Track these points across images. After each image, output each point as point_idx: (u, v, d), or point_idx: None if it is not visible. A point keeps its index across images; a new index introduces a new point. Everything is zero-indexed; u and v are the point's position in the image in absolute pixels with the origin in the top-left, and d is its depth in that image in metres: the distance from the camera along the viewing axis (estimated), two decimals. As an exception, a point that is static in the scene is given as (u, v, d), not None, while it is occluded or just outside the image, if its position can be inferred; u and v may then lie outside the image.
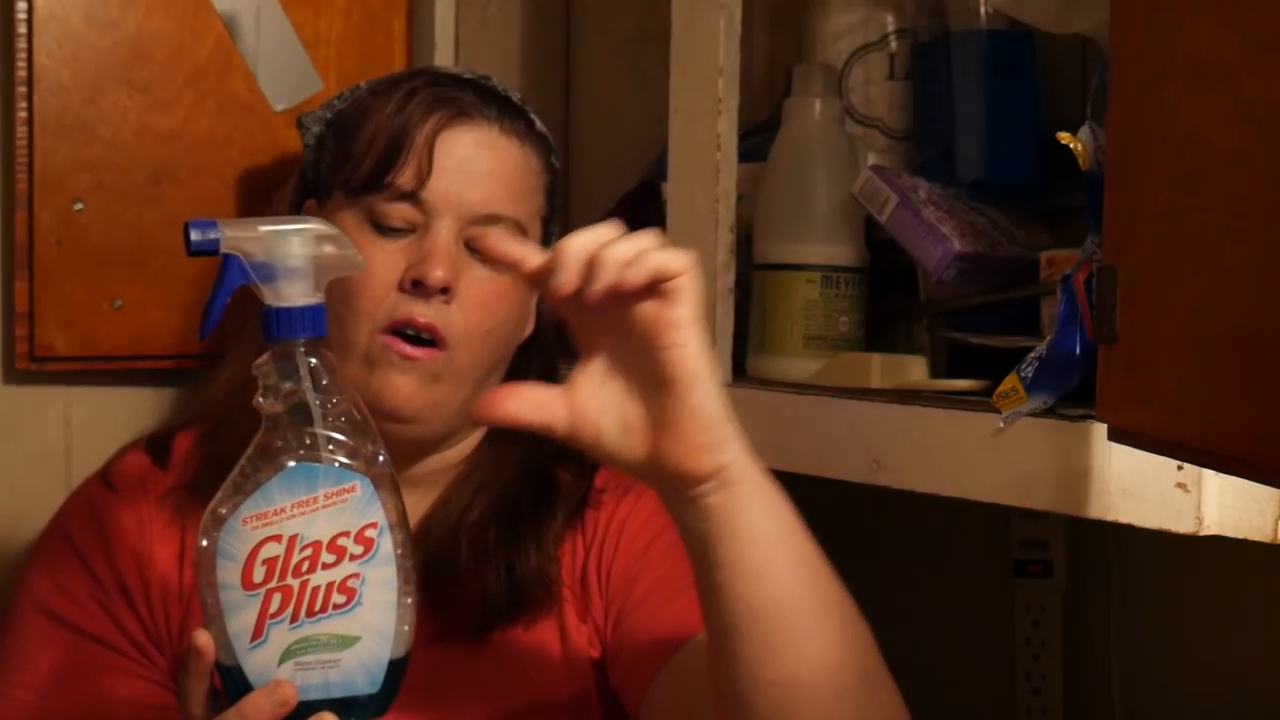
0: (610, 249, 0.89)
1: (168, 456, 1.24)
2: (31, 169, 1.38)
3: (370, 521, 0.94)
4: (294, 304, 0.94)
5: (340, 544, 0.94)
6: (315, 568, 0.93)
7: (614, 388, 0.93)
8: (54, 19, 1.39)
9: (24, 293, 1.39)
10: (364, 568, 0.94)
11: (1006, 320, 1.18)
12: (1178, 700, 1.38)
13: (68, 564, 1.20)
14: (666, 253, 0.90)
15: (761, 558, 0.94)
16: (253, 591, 0.93)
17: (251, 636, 0.93)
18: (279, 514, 0.93)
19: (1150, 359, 0.80)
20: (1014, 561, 1.48)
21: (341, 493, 0.94)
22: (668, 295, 0.89)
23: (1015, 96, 1.29)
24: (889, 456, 1.11)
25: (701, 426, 0.91)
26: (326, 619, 0.94)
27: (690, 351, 0.90)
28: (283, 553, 0.93)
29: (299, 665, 0.94)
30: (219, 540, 0.93)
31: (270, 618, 0.93)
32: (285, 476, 0.93)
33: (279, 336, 0.94)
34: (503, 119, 1.21)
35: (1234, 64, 0.71)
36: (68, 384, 1.44)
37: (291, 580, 0.93)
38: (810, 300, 1.26)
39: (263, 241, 0.93)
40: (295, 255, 0.94)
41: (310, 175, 1.25)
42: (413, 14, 1.55)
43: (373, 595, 0.94)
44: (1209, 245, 0.74)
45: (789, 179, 1.28)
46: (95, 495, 1.23)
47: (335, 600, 0.94)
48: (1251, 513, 0.93)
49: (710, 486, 0.92)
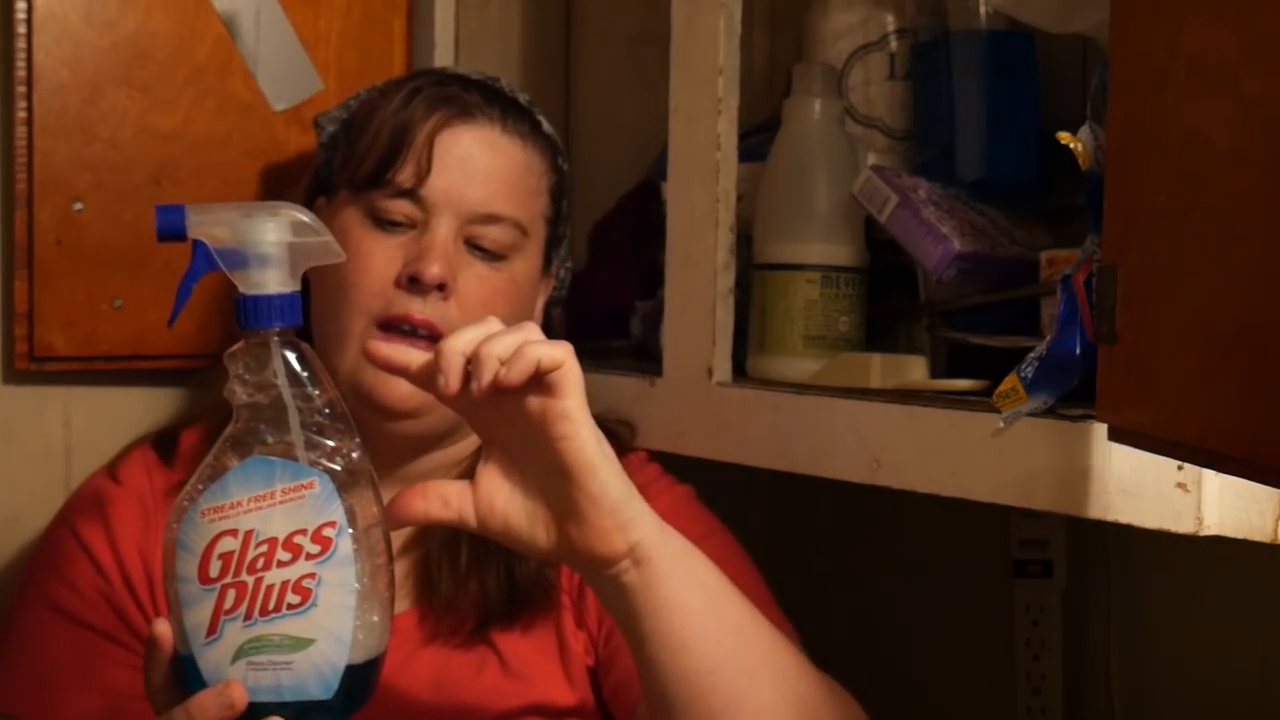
0: (488, 345, 0.90)
1: (174, 453, 1.25)
2: (31, 169, 1.38)
3: (328, 520, 0.91)
4: (267, 292, 0.91)
5: (296, 542, 0.91)
6: (270, 565, 0.90)
7: (515, 480, 0.95)
8: (53, 18, 1.39)
9: (24, 293, 1.39)
10: (320, 568, 0.91)
11: (1006, 320, 1.18)
12: (1177, 700, 1.38)
13: (73, 558, 1.20)
14: (544, 346, 0.91)
15: (683, 629, 0.96)
16: (208, 586, 0.90)
17: (206, 632, 0.91)
18: (235, 508, 0.90)
19: (1150, 359, 0.80)
20: (1014, 561, 1.48)
21: (299, 489, 0.91)
22: (551, 388, 0.91)
23: (1015, 96, 1.29)
24: (889, 456, 1.11)
25: (605, 511, 0.93)
26: (280, 619, 0.90)
27: (581, 441, 0.92)
28: (238, 548, 0.90)
29: (251, 665, 0.91)
30: (178, 531, 0.91)
31: (225, 614, 0.90)
32: (243, 469, 0.91)
33: (250, 325, 0.91)
34: (505, 119, 1.22)
35: (1234, 64, 0.71)
36: (67, 384, 1.44)
37: (246, 577, 0.90)
38: (810, 300, 1.26)
39: (232, 227, 0.91)
40: (267, 242, 0.91)
41: (323, 174, 1.25)
42: (413, 14, 1.55)
43: (329, 597, 0.91)
44: (1209, 245, 0.74)
45: (789, 179, 1.28)
46: (101, 490, 1.23)
47: (290, 600, 0.90)
48: (1251, 513, 0.93)
49: (624, 565, 0.94)
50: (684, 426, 1.28)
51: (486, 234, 1.19)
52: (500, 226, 1.19)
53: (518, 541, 0.96)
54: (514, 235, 1.20)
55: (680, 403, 1.29)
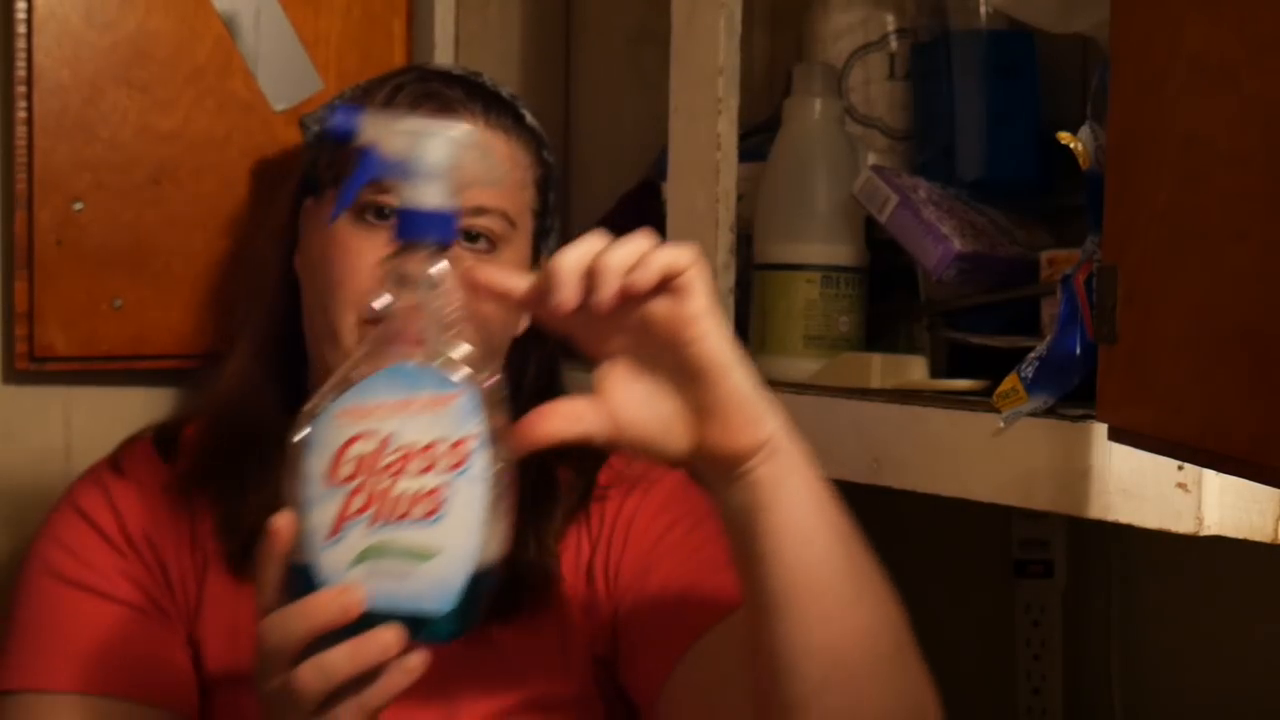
0: (608, 257, 0.89)
1: (174, 447, 1.24)
2: (31, 169, 1.38)
3: (468, 434, 0.88)
4: (426, 206, 0.90)
5: (433, 452, 0.88)
6: (403, 472, 0.88)
7: (643, 386, 0.93)
8: (53, 18, 1.38)
9: (24, 293, 1.39)
10: (454, 481, 0.88)
11: (1006, 320, 1.18)
12: (1178, 700, 1.38)
13: (86, 538, 1.20)
14: (670, 250, 0.89)
15: (807, 522, 0.95)
16: (336, 486, 0.88)
17: (328, 533, 0.88)
18: (375, 411, 0.88)
19: (1150, 359, 0.80)
20: (1014, 561, 1.48)
21: (443, 399, 0.89)
22: (680, 291, 0.89)
23: (1015, 96, 1.29)
24: (889, 456, 1.11)
25: (740, 407, 0.91)
26: (407, 527, 0.88)
27: (714, 341, 0.90)
28: (372, 451, 0.88)
29: (371, 571, 0.88)
30: (311, 430, 0.89)
31: (350, 517, 0.88)
32: (387, 374, 0.89)
33: (406, 237, 0.90)
34: (489, 113, 1.22)
35: (1234, 63, 0.71)
36: (67, 384, 1.44)
37: (377, 481, 0.88)
38: (810, 300, 1.26)
39: (404, 138, 0.90)
40: (435, 156, 0.90)
41: (309, 173, 1.25)
42: (413, 14, 1.55)
43: (458, 511, 0.88)
44: (1209, 245, 0.74)
45: (789, 179, 1.28)
46: (105, 478, 1.23)
47: (419, 509, 0.88)
48: (1251, 513, 0.93)
49: (758, 460, 0.93)
50: (684, 426, 1.28)
51: (475, 224, 1.18)
52: (488, 218, 1.19)
53: (653, 448, 0.93)
54: (502, 226, 1.19)
55: (680, 403, 1.28)
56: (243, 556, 1.17)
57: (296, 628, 0.88)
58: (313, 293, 1.20)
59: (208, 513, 1.20)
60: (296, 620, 0.88)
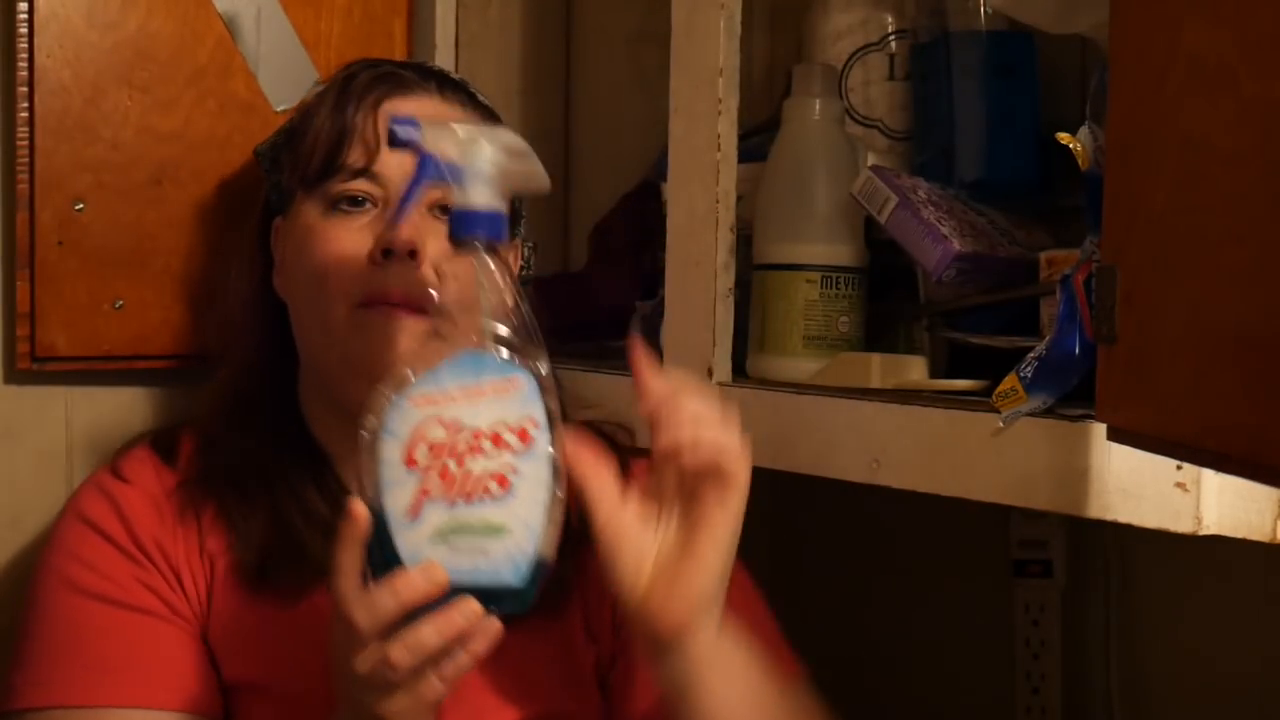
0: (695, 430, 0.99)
1: (175, 453, 1.24)
2: (32, 169, 1.38)
3: (531, 416, 0.96)
4: (478, 206, 0.97)
5: (500, 434, 0.95)
6: (475, 454, 0.95)
7: (649, 529, 1.01)
8: (55, 19, 1.39)
9: (25, 293, 1.39)
10: (520, 461, 0.96)
11: (1006, 320, 1.18)
12: (1177, 700, 1.38)
13: (97, 547, 1.19)
14: (733, 440, 1.00)
15: (734, 703, 1.04)
16: (413, 470, 0.95)
17: (408, 513, 0.94)
18: (446, 397, 0.95)
19: (1150, 359, 0.81)
20: (1014, 561, 1.48)
21: (507, 385, 0.96)
22: (725, 479, 1.00)
23: (1015, 96, 1.29)
24: (889, 456, 1.11)
25: (699, 589, 1.00)
26: (480, 505, 0.95)
27: (727, 530, 1.00)
28: (445, 435, 0.95)
29: (451, 547, 0.95)
30: (386, 417, 0.95)
31: (427, 497, 0.94)
32: (456, 362, 0.95)
33: (461, 235, 0.97)
34: (443, 89, 1.24)
35: (1234, 64, 0.72)
36: (69, 384, 1.44)
37: (451, 463, 0.95)
38: (810, 300, 1.26)
39: (457, 145, 0.97)
40: (484, 161, 0.97)
41: (272, 197, 1.26)
42: (413, 15, 1.55)
43: (526, 489, 0.96)
44: (1209, 245, 0.74)
45: (789, 179, 1.28)
46: (109, 486, 1.22)
47: (490, 488, 0.95)
48: (1251, 513, 0.93)
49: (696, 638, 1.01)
50: (684, 426, 1.28)
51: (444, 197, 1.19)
52: None
53: (614, 567, 1.01)
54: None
55: (680, 403, 1.28)
56: (257, 571, 1.17)
57: (386, 606, 0.93)
58: (302, 296, 1.20)
59: (212, 520, 1.20)
60: (386, 599, 0.93)
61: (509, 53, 1.64)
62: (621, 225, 1.56)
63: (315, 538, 1.18)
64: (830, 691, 1.63)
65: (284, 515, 1.18)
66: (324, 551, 1.17)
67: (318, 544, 1.17)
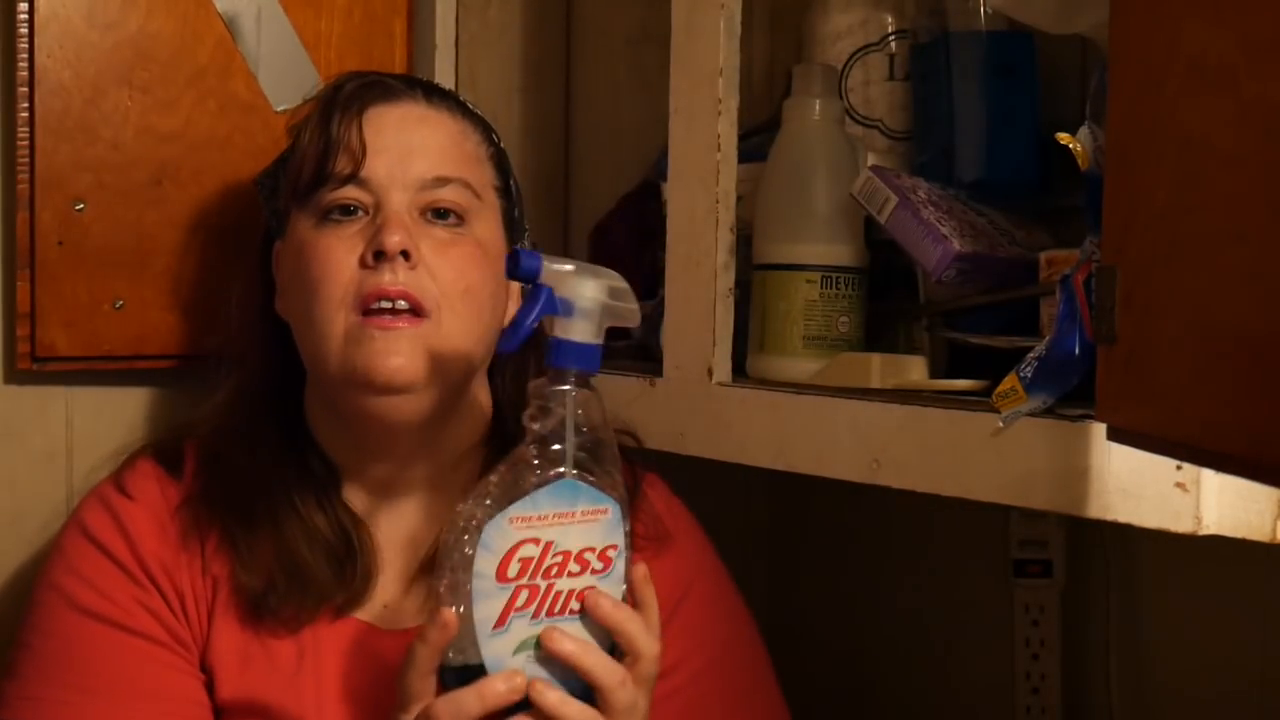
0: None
1: (179, 468, 1.23)
2: (33, 169, 1.38)
3: (613, 543, 1.05)
4: (578, 339, 1.04)
5: (586, 557, 1.04)
6: (562, 574, 1.03)
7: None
8: (55, 19, 1.39)
9: (25, 293, 1.39)
10: (600, 582, 1.04)
11: (1006, 320, 1.18)
12: (1177, 700, 1.38)
13: (101, 566, 1.18)
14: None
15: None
16: (504, 584, 1.02)
17: (495, 624, 1.01)
18: (541, 520, 1.02)
19: (1150, 359, 0.81)
20: (1013, 561, 1.48)
21: (596, 512, 1.04)
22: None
23: (1015, 97, 1.29)
24: (889, 456, 1.11)
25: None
26: (561, 620, 1.03)
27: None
28: (538, 555, 1.02)
29: (529, 658, 1.03)
30: (482, 534, 1.01)
31: (515, 610, 1.02)
32: (554, 488, 1.03)
33: (559, 365, 1.04)
34: (430, 96, 1.24)
35: (1234, 64, 0.72)
36: (69, 384, 1.44)
37: (540, 581, 1.03)
38: (810, 300, 1.26)
39: (570, 281, 1.04)
40: (588, 298, 1.04)
41: (271, 223, 1.26)
42: (413, 15, 1.55)
43: None
44: (1209, 245, 0.74)
45: (789, 179, 1.28)
46: (113, 501, 1.21)
47: (572, 606, 1.04)
48: (1250, 512, 0.93)
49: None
50: (684, 426, 1.28)
51: (441, 196, 1.19)
52: (452, 187, 1.19)
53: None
54: (467, 196, 1.20)
55: (680, 403, 1.29)
56: (260, 598, 1.17)
57: (471, 708, 1.01)
58: (300, 311, 1.20)
59: (217, 543, 1.19)
60: (472, 701, 1.01)
61: (509, 53, 1.64)
62: (621, 225, 1.56)
63: (319, 565, 1.18)
64: (831, 691, 1.63)
65: (289, 542, 1.18)
66: (327, 579, 1.18)
67: (321, 572, 1.18)
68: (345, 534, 1.20)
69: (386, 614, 1.20)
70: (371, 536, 1.21)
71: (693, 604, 1.25)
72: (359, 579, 1.19)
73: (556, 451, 1.03)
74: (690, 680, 1.22)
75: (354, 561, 1.19)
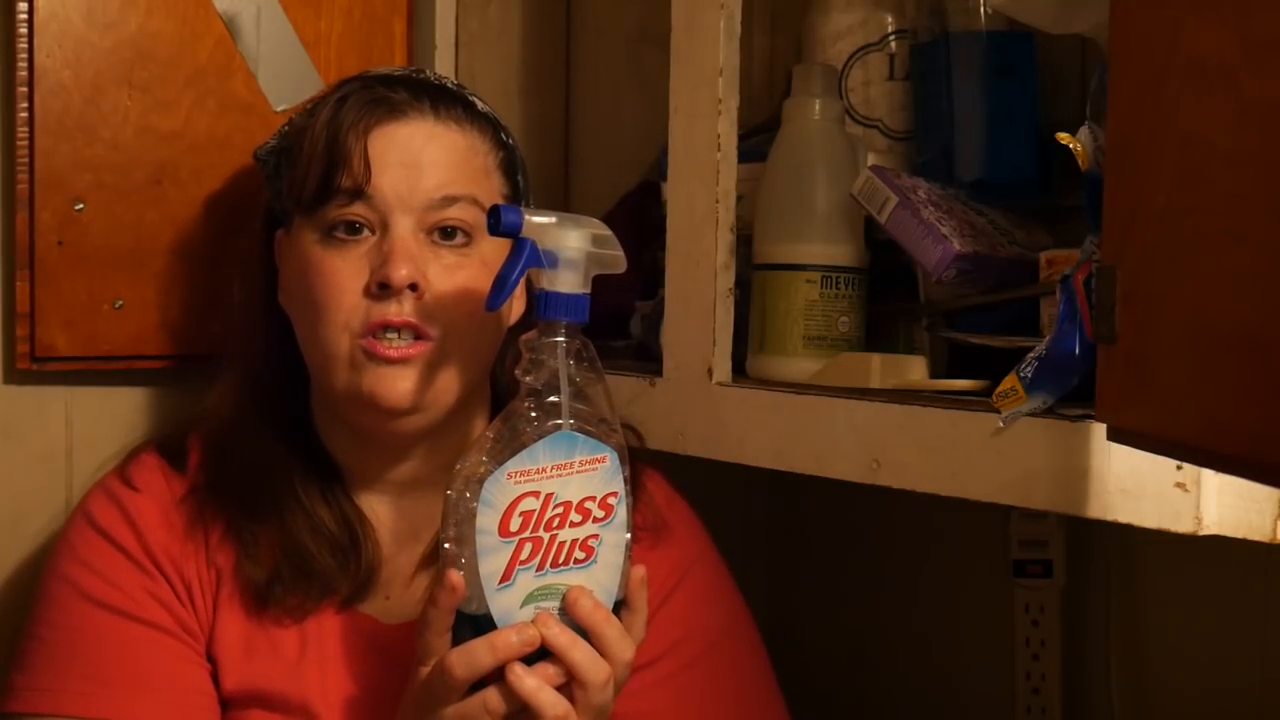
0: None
1: (184, 460, 1.24)
2: (32, 169, 1.38)
3: (613, 490, 1.06)
4: (565, 290, 1.04)
5: (587, 506, 1.05)
6: (564, 525, 1.04)
7: None
8: (55, 19, 1.39)
9: (25, 293, 1.39)
10: (603, 530, 1.05)
11: (1006, 320, 1.18)
12: (1177, 700, 1.38)
13: (110, 557, 1.19)
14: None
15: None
16: (507, 539, 1.02)
17: (500, 579, 1.03)
18: (540, 473, 1.03)
19: (1150, 359, 0.81)
20: (1013, 561, 1.48)
21: (594, 461, 1.05)
22: None
23: (1015, 96, 1.29)
24: (889, 456, 1.11)
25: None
26: (566, 571, 1.04)
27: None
28: (538, 507, 1.03)
29: (538, 609, 1.04)
30: (482, 490, 1.02)
31: (520, 564, 1.03)
32: (551, 441, 1.03)
33: (548, 317, 1.04)
34: (437, 109, 1.21)
35: (1234, 64, 0.72)
36: (69, 384, 1.44)
37: (542, 533, 1.03)
38: (810, 300, 1.26)
39: (552, 232, 1.05)
40: (573, 248, 1.05)
41: (275, 207, 1.25)
42: (413, 15, 1.55)
43: (606, 555, 1.06)
44: (1209, 245, 0.74)
45: (789, 179, 1.28)
46: (119, 493, 1.22)
47: (576, 556, 1.04)
48: (1251, 512, 0.93)
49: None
50: (684, 426, 1.28)
51: (448, 216, 1.18)
52: (459, 206, 1.18)
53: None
54: (475, 213, 1.19)
55: (680, 403, 1.29)
56: (264, 589, 1.18)
57: (483, 660, 1.02)
58: (304, 324, 1.20)
59: (222, 534, 1.20)
60: (484, 653, 1.02)
61: (509, 53, 1.64)
62: (621, 225, 1.56)
63: (323, 556, 1.18)
64: (830, 691, 1.63)
65: (293, 533, 1.19)
66: (331, 570, 1.18)
67: (325, 563, 1.18)
68: (349, 526, 1.20)
69: (389, 606, 1.21)
70: (374, 529, 1.22)
71: (687, 591, 1.25)
72: (362, 571, 1.20)
73: (551, 404, 1.04)
74: (682, 668, 1.22)
75: (357, 553, 1.20)
